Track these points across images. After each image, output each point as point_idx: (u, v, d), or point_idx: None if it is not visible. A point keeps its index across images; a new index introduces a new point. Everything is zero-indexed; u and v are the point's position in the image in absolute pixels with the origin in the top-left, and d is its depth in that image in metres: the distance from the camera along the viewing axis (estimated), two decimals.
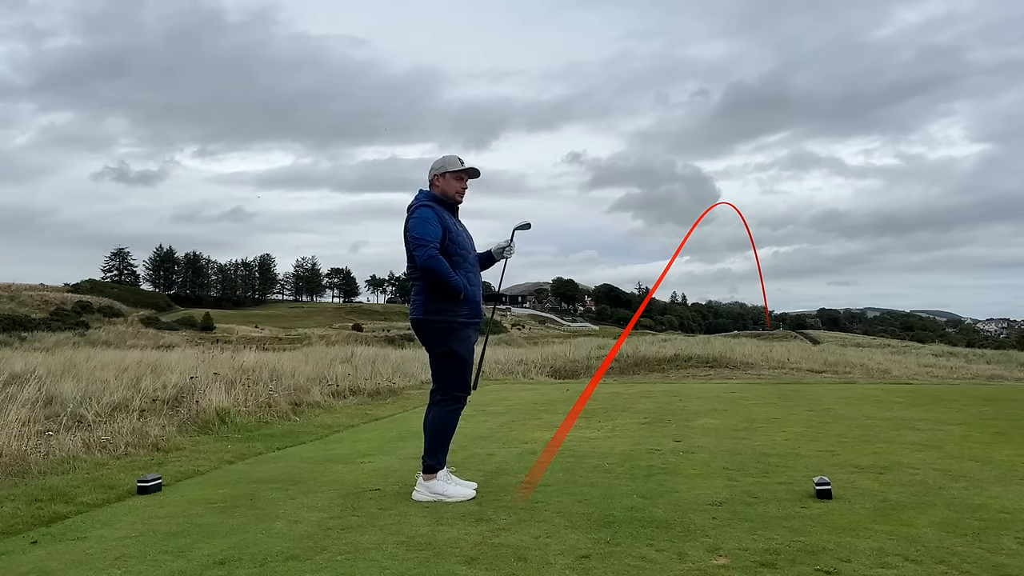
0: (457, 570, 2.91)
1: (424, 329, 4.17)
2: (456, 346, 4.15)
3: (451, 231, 4.15)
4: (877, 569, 2.83)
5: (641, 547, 3.15)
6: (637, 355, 26.61)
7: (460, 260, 4.16)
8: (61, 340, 40.06)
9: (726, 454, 5.33)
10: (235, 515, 3.86)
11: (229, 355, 14.70)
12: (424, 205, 4.16)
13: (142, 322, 70.03)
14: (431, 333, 4.15)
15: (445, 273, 4.04)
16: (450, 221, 4.20)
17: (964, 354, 37.61)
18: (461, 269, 4.14)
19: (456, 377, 4.20)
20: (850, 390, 10.69)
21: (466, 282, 4.12)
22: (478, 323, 4.31)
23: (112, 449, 5.72)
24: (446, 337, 4.13)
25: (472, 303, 4.17)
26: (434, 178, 4.29)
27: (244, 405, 7.73)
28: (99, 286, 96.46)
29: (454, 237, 4.15)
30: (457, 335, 4.14)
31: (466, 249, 4.23)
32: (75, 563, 3.14)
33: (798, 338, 71.02)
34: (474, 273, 4.24)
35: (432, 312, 4.12)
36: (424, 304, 4.14)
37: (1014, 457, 5.03)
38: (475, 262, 4.30)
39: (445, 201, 4.25)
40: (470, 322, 4.20)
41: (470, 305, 4.17)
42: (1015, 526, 3.36)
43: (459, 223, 4.31)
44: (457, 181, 4.26)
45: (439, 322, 4.11)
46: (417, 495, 4.10)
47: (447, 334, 4.13)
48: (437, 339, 4.15)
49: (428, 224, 4.07)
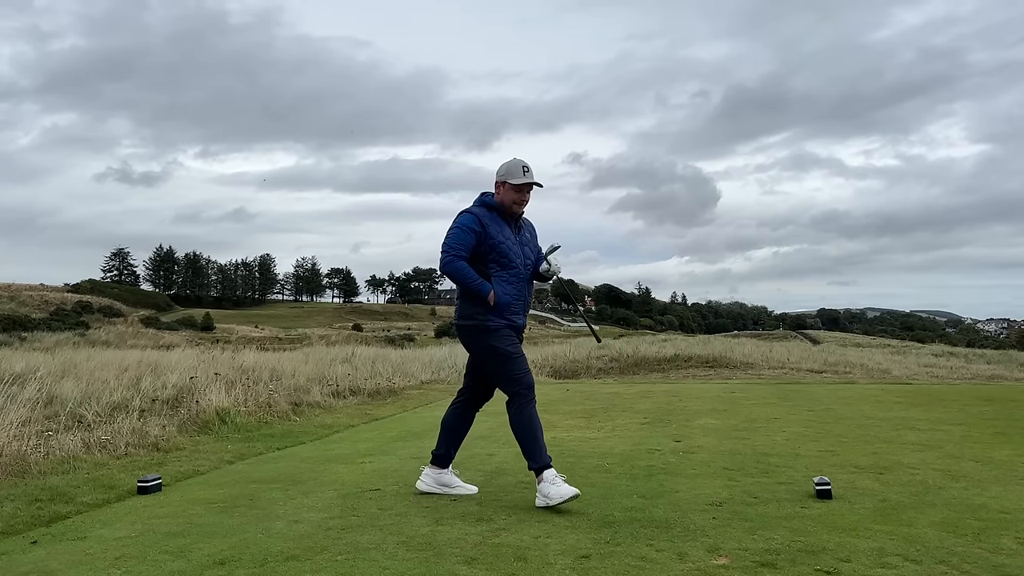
0: (457, 570, 2.91)
1: (460, 332, 4.16)
2: (495, 341, 4.05)
3: (493, 238, 4.06)
4: (877, 569, 2.83)
5: (641, 547, 3.15)
6: (637, 355, 26.60)
7: (498, 268, 4.07)
8: (61, 340, 40.02)
9: (726, 454, 5.33)
10: (235, 515, 3.86)
11: (229, 355, 14.71)
12: (468, 211, 4.12)
13: (142, 322, 70.05)
14: (466, 335, 4.13)
15: (464, 278, 4.01)
16: (497, 228, 4.09)
17: (964, 354, 37.62)
18: (498, 277, 4.06)
19: (507, 375, 4.06)
20: (850, 390, 10.69)
21: (503, 291, 4.04)
22: (514, 333, 4.14)
23: (112, 449, 5.72)
24: (482, 335, 4.06)
25: (507, 311, 4.06)
26: (496, 183, 4.18)
27: (244, 405, 7.73)
28: (99, 286, 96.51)
29: (496, 244, 4.06)
30: (493, 333, 4.05)
31: (508, 258, 4.09)
32: (75, 563, 3.14)
33: (798, 338, 71.01)
34: (516, 283, 4.11)
35: (465, 316, 4.11)
36: (459, 308, 4.15)
37: (1014, 457, 5.03)
38: (523, 274, 4.16)
39: (500, 208, 4.15)
40: (503, 327, 4.07)
41: (504, 313, 4.06)
42: (1015, 526, 3.36)
43: (515, 231, 4.18)
44: (515, 192, 4.12)
45: (470, 326, 4.09)
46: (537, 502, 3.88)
47: (482, 333, 4.06)
48: (473, 339, 4.10)
49: (460, 232, 4.04)
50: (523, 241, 4.23)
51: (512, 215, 4.17)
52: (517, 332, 4.16)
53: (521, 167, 4.11)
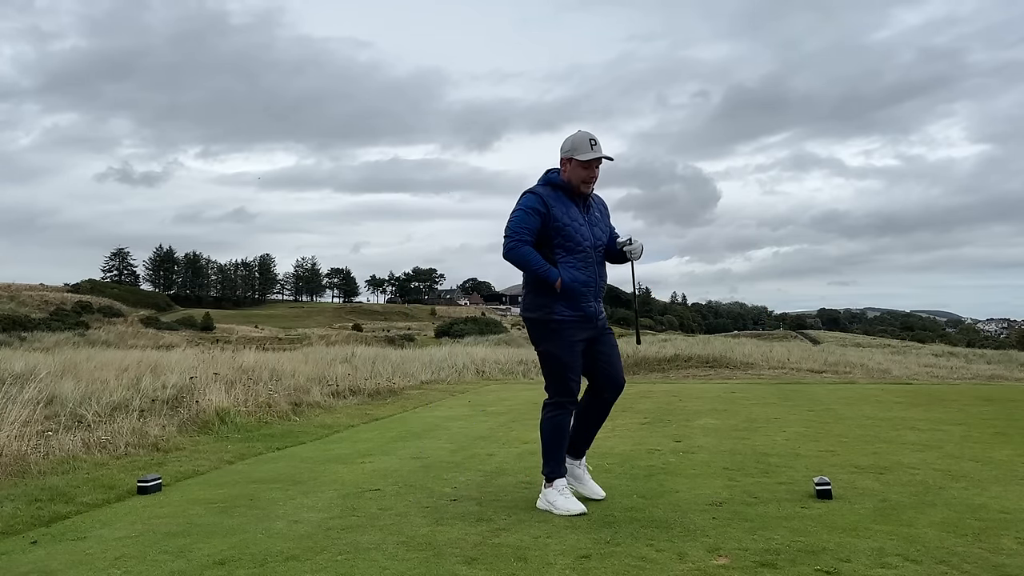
0: (457, 570, 2.91)
1: (527, 325, 3.93)
2: (551, 346, 3.80)
3: (557, 219, 3.76)
4: (877, 569, 2.83)
5: (641, 547, 3.15)
6: (637, 355, 26.59)
7: (563, 253, 3.77)
8: (61, 340, 40.03)
9: (726, 454, 5.33)
10: (235, 515, 3.86)
11: (229, 355, 14.71)
12: (530, 191, 3.84)
13: (142, 322, 70.05)
14: (531, 328, 3.90)
15: (529, 264, 3.75)
16: (562, 208, 3.79)
17: (964, 354, 37.57)
18: (564, 263, 3.76)
19: (554, 380, 3.86)
20: (850, 390, 10.68)
21: (570, 276, 3.75)
22: (585, 323, 3.83)
23: (112, 449, 5.72)
24: (542, 335, 3.83)
25: (575, 298, 3.76)
26: (561, 160, 3.84)
27: (244, 405, 7.73)
28: (99, 286, 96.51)
29: (560, 226, 3.76)
30: (555, 335, 3.79)
31: (575, 240, 3.78)
32: (75, 563, 3.14)
33: (798, 338, 70.95)
34: (585, 268, 3.80)
35: (529, 308, 3.87)
36: (525, 298, 3.92)
37: (1014, 457, 5.03)
38: (593, 256, 3.84)
39: (566, 187, 3.83)
40: (570, 319, 3.78)
41: (571, 300, 3.76)
42: (1015, 526, 3.36)
43: (583, 211, 3.87)
44: (584, 169, 3.77)
45: (535, 319, 3.84)
46: (539, 503, 3.86)
47: (543, 332, 3.83)
48: (534, 336, 3.89)
49: (523, 214, 3.77)
50: (593, 221, 3.90)
51: (580, 194, 3.85)
52: (589, 321, 3.84)
53: (588, 141, 3.75)
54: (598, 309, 3.91)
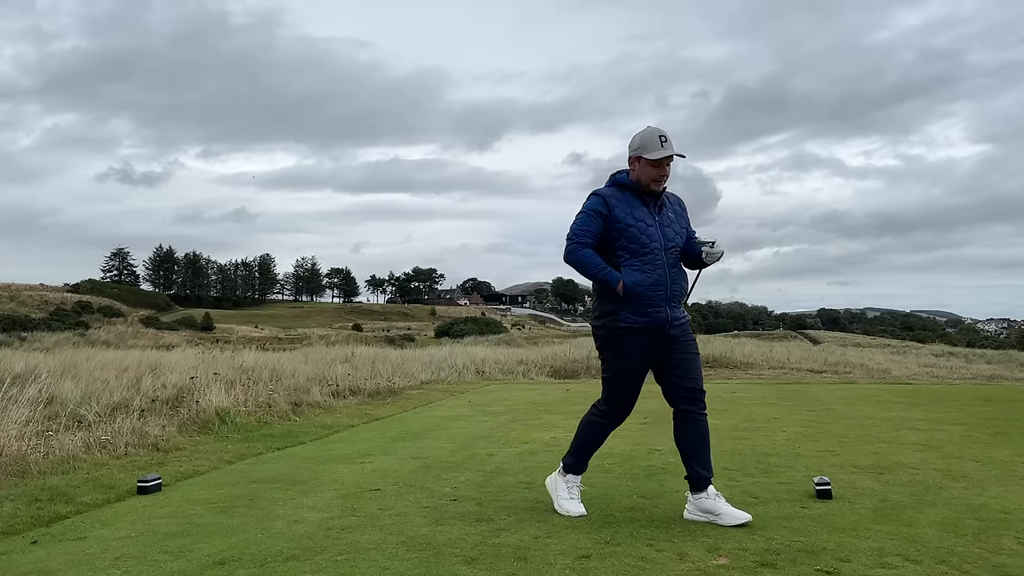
0: (457, 570, 2.91)
1: (593, 334, 3.75)
2: (613, 354, 3.63)
3: (620, 220, 3.56)
4: (877, 569, 2.83)
5: (641, 547, 3.15)
6: None
7: (628, 256, 3.56)
8: (61, 340, 40.07)
9: (726, 454, 5.33)
10: (235, 515, 3.86)
11: (229, 355, 14.72)
12: (595, 192, 3.67)
13: (142, 322, 70.09)
14: (596, 337, 3.72)
15: (588, 267, 3.59)
16: (626, 209, 3.58)
17: (964, 354, 37.59)
18: (628, 265, 3.55)
19: (609, 388, 3.71)
20: (850, 390, 10.69)
21: (634, 280, 3.53)
22: (653, 331, 3.58)
23: (112, 449, 5.72)
24: (606, 343, 3.66)
25: (640, 303, 3.53)
26: (630, 159, 3.64)
27: (244, 405, 7.73)
28: (99, 286, 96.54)
29: (623, 227, 3.55)
30: (619, 343, 3.60)
31: (640, 242, 3.55)
32: (75, 563, 3.14)
33: (798, 338, 70.95)
34: (653, 271, 3.55)
35: (597, 315, 3.69)
36: (593, 307, 3.77)
37: (1014, 457, 5.03)
38: (662, 259, 3.58)
39: (634, 187, 3.63)
40: (637, 327, 3.55)
41: (637, 305, 3.53)
42: (1015, 526, 3.36)
43: (654, 211, 3.63)
44: (653, 167, 3.55)
45: (599, 327, 3.67)
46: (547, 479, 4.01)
47: (607, 339, 3.65)
48: (599, 343, 3.72)
49: (585, 217, 3.61)
50: (665, 221, 3.65)
51: (651, 194, 3.63)
52: (658, 328, 3.57)
53: (658, 137, 3.54)
54: (672, 315, 3.61)
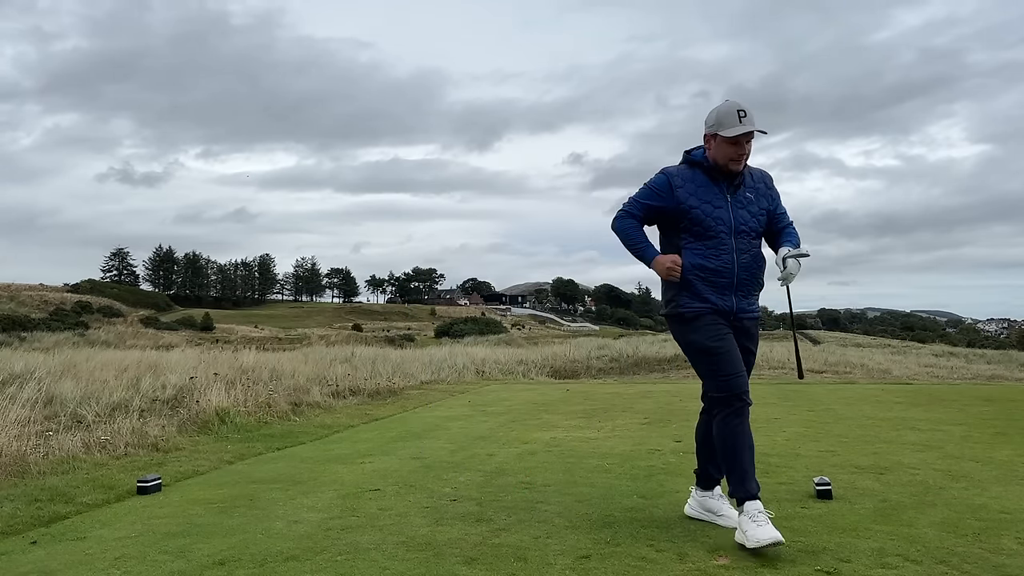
0: (457, 570, 2.90)
1: (668, 323, 3.49)
2: (693, 334, 3.32)
3: (683, 201, 3.30)
4: (877, 569, 2.83)
5: (641, 547, 3.15)
6: (637, 355, 26.62)
7: (690, 239, 3.32)
8: (61, 340, 40.03)
9: None
10: (235, 515, 3.86)
11: (229, 355, 14.72)
12: (662, 170, 3.42)
13: (142, 322, 70.07)
14: (670, 326, 3.47)
15: (626, 236, 3.39)
16: (691, 189, 3.32)
17: (964, 354, 37.55)
18: (690, 249, 3.31)
19: (708, 375, 3.33)
20: (850, 390, 10.68)
21: (693, 263, 3.30)
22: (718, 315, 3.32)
23: (112, 449, 5.72)
24: (678, 330, 3.41)
25: (698, 288, 3.29)
26: (705, 136, 3.37)
27: (244, 405, 7.73)
28: (99, 286, 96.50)
29: (686, 208, 3.29)
30: (691, 324, 3.33)
31: (704, 225, 3.29)
32: (75, 563, 3.14)
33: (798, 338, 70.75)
34: (717, 256, 3.29)
35: (664, 303, 3.49)
36: (662, 295, 3.52)
37: (1014, 457, 5.03)
38: (731, 242, 3.31)
39: (708, 165, 3.35)
40: (702, 311, 3.31)
41: (694, 291, 3.30)
42: (1015, 526, 3.36)
43: (730, 191, 3.35)
44: (731, 145, 3.25)
45: (667, 315, 3.46)
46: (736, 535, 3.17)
47: (678, 326, 3.40)
48: (674, 331, 3.47)
49: (645, 189, 3.40)
50: (741, 202, 3.36)
51: (728, 173, 3.34)
52: (724, 317, 3.32)
53: (736, 112, 3.24)
54: (738, 304, 3.35)
